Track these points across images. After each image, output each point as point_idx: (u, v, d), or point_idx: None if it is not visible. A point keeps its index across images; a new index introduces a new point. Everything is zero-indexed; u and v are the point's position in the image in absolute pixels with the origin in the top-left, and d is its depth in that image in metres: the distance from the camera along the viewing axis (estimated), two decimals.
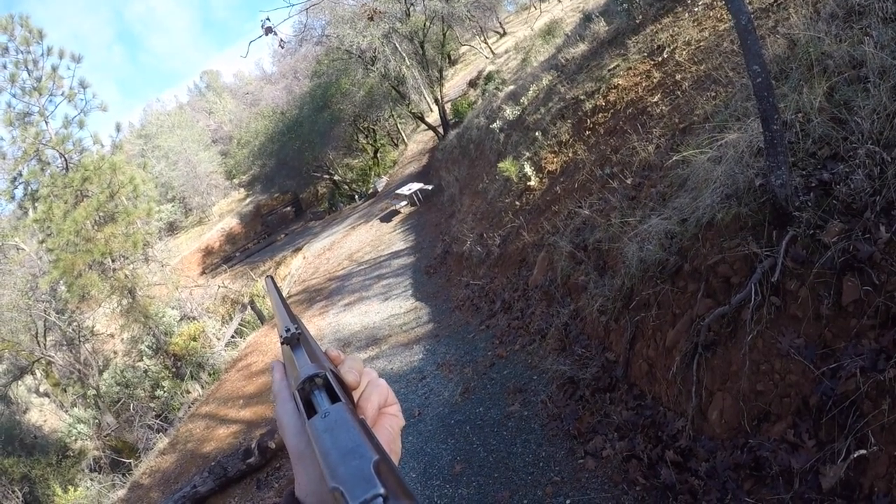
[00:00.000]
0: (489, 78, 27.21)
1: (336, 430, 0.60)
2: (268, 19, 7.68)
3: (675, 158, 6.55)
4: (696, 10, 9.65)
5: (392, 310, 13.91)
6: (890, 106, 4.19)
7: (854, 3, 5.57)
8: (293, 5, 7.98)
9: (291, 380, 0.78)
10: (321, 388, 0.71)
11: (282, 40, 9.17)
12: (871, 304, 3.60)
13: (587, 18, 15.88)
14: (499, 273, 11.76)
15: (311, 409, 0.68)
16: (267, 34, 7.78)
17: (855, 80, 4.77)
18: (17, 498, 15.84)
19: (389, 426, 0.78)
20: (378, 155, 40.92)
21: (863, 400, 3.40)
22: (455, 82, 40.47)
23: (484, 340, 9.76)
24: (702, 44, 8.61)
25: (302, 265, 26.54)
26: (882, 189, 3.86)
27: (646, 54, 10.15)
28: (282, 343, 0.87)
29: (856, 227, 3.86)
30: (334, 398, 0.67)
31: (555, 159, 11.80)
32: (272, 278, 1.24)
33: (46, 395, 23.42)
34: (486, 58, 38.56)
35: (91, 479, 17.10)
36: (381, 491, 0.50)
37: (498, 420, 7.25)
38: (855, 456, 3.31)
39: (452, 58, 48.01)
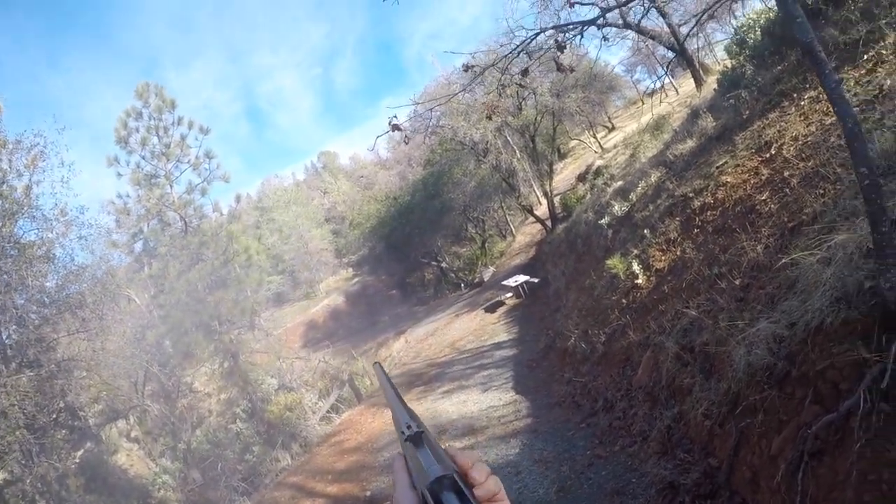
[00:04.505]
0: (598, 173, 27.35)
1: None
2: (395, 117, 8.11)
3: (784, 260, 6.38)
4: (802, 103, 9.50)
5: (491, 401, 13.81)
6: None
7: None
8: (418, 103, 8.44)
9: (416, 475, 0.87)
10: (450, 489, 0.79)
11: (406, 136, 9.69)
12: None
13: (695, 114, 15.86)
14: (602, 371, 11.54)
15: None
16: (393, 131, 8.19)
17: None
18: None
19: None
20: (486, 245, 41.42)
21: None
22: (564, 176, 40.86)
23: (583, 439, 9.54)
24: (809, 139, 8.45)
25: (404, 348, 26.85)
26: None
27: (753, 150, 10.02)
28: (404, 440, 0.93)
29: None
30: (464, 501, 0.76)
31: (663, 257, 11.64)
32: (381, 365, 1.34)
33: (136, 441, 24.02)
34: (595, 152, 38.89)
35: None
36: None
37: None
38: None
39: (562, 151, 48.64)
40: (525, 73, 8.63)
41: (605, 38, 10.33)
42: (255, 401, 22.51)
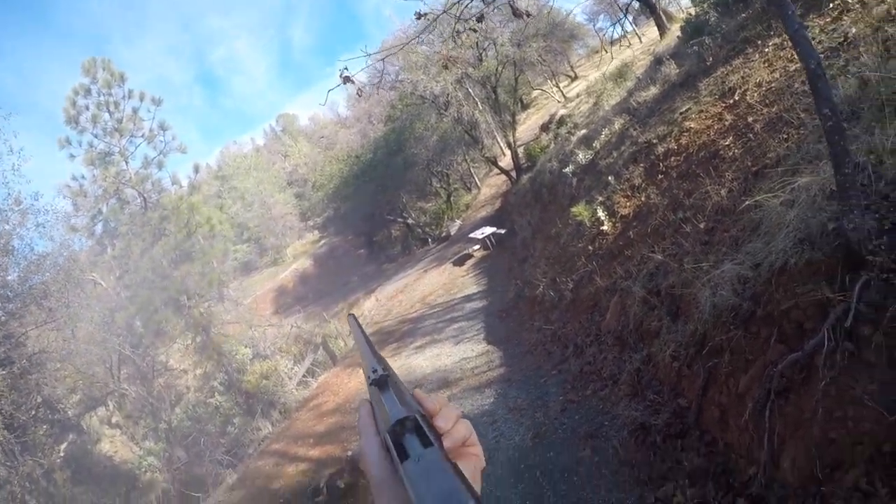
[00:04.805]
0: (561, 122, 27.29)
1: (430, 474, 0.63)
2: (346, 68, 7.92)
3: (747, 203, 6.49)
4: (766, 50, 9.57)
5: (464, 353, 13.94)
6: None
7: None
8: (370, 54, 8.27)
9: (380, 420, 0.81)
10: (412, 430, 0.73)
11: (359, 89, 9.46)
12: None
13: (658, 61, 15.87)
14: (571, 317, 11.70)
15: (402, 452, 0.70)
16: (345, 83, 8.00)
17: None
18: None
19: (472, 465, 0.82)
20: (451, 199, 41.24)
21: None
22: (527, 126, 40.67)
23: (556, 385, 9.70)
24: (773, 85, 8.53)
25: (374, 307, 26.84)
26: None
27: (717, 96, 10.10)
28: (369, 384, 0.89)
29: None
30: (426, 442, 0.70)
31: (627, 203, 11.74)
32: (355, 317, 1.31)
33: (118, 426, 23.84)
34: (558, 101, 38.65)
35: None
36: None
37: (568, 465, 7.19)
38: None
39: (524, 102, 48.32)
40: (480, 18, 8.50)
41: None
42: (230, 372, 22.46)
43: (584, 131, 19.62)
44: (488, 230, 24.60)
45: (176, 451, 20.30)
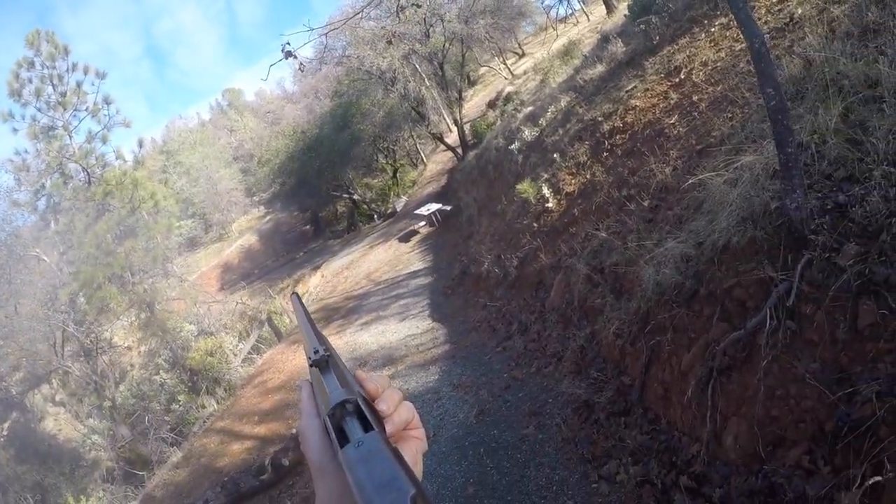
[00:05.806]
0: (508, 99, 27.27)
1: (371, 460, 0.59)
2: (288, 43, 7.69)
3: (691, 181, 6.51)
4: (712, 30, 9.64)
5: (409, 330, 13.90)
6: None
7: (869, 21, 5.53)
8: (313, 29, 8.04)
9: (321, 403, 0.79)
10: (353, 414, 0.70)
11: (301, 64, 9.19)
12: (887, 328, 3.54)
13: (605, 40, 15.91)
14: (516, 294, 11.73)
15: (342, 436, 0.67)
16: (287, 58, 7.78)
17: (870, 99, 4.74)
18: None
19: (414, 449, 0.78)
20: (397, 175, 41.06)
21: (879, 425, 3.32)
22: (474, 103, 40.58)
23: (500, 362, 9.71)
24: (718, 64, 8.59)
25: (320, 283, 26.61)
26: None
27: (663, 75, 10.14)
28: (310, 365, 0.86)
29: (872, 250, 3.81)
30: (367, 426, 0.67)
31: (573, 181, 11.77)
32: (298, 296, 1.24)
33: (62, 404, 23.42)
34: (505, 79, 38.62)
35: (104, 490, 17.14)
36: None
37: (512, 443, 7.19)
38: (870, 483, 3.23)
39: (471, 79, 48.13)
40: None
41: None
42: (175, 349, 22.04)
43: (530, 108, 19.61)
44: (434, 206, 24.50)
45: (120, 429, 19.94)
